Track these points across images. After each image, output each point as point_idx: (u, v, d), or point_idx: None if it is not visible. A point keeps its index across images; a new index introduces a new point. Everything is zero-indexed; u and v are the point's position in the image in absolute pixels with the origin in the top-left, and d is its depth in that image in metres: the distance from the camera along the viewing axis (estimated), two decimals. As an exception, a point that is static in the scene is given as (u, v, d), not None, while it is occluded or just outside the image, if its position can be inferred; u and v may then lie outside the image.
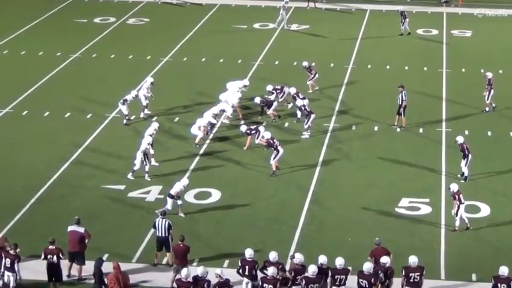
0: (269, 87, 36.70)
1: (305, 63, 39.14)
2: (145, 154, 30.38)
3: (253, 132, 32.47)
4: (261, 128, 32.50)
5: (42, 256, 23.58)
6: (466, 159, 30.28)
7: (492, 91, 36.70)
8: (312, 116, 34.06)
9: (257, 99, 35.73)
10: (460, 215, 26.93)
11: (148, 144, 30.59)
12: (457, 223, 27.04)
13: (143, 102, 35.84)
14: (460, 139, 30.57)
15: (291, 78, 39.82)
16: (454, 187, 27.07)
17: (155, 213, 26.91)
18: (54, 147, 33.25)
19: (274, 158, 30.86)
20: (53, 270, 23.57)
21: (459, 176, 30.51)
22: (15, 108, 37.13)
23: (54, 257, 23.44)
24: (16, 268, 23.26)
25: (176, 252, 24.14)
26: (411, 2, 54.73)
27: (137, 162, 30.34)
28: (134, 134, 34.44)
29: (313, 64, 39.72)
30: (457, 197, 26.85)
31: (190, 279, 22.14)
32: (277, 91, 36.58)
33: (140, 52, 44.63)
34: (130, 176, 30.47)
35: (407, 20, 47.63)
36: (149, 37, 47.69)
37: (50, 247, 23.57)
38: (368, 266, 22.38)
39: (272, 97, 36.25)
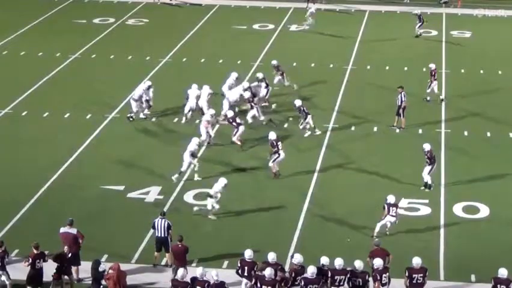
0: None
1: (274, 62, 38.99)
2: (193, 155, 30.43)
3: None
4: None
5: (30, 260, 23.25)
6: (431, 167, 29.82)
7: (435, 82, 37.45)
8: (309, 116, 33.99)
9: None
10: (384, 223, 26.60)
11: (196, 145, 30.63)
12: (377, 229, 26.65)
13: (143, 103, 35.85)
14: (427, 146, 30.23)
15: (290, 79, 39.81)
16: (391, 199, 26.66)
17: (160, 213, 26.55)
18: (54, 147, 33.27)
19: (273, 161, 30.73)
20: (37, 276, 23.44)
21: (422, 187, 29.91)
22: (15, 109, 37.15)
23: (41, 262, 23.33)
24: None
25: (175, 253, 24.14)
26: (411, 3, 54.77)
27: (185, 164, 30.38)
28: (133, 134, 34.49)
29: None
30: (387, 207, 26.46)
31: (187, 280, 22.18)
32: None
33: (139, 53, 44.64)
34: (174, 177, 30.29)
35: (423, 24, 47.57)
36: (148, 38, 47.70)
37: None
38: (359, 264, 22.53)
39: (262, 88, 36.18)
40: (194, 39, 47.52)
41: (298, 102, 34.49)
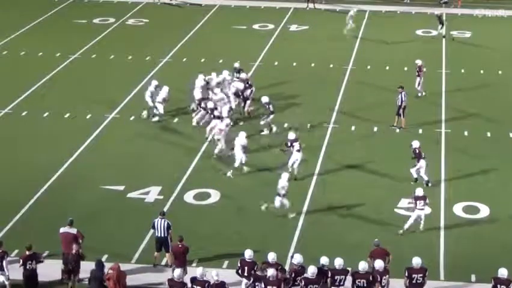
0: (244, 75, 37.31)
1: (236, 64, 38.61)
2: (244, 149, 30.68)
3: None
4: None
5: (21, 262, 23.25)
6: (418, 165, 29.90)
7: (422, 78, 37.87)
8: (271, 116, 33.93)
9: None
10: (415, 217, 26.81)
11: (246, 138, 30.91)
12: (406, 226, 26.89)
13: (149, 104, 35.78)
14: (415, 144, 30.28)
15: (290, 79, 39.83)
16: (419, 192, 26.91)
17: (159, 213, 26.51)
18: (54, 147, 33.27)
19: (291, 161, 30.53)
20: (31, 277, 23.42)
21: (424, 184, 29.99)
22: (15, 109, 37.15)
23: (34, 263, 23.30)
24: (4, 265, 23.25)
25: (175, 253, 24.14)
26: (411, 3, 54.78)
27: (237, 158, 30.68)
28: (133, 134, 34.46)
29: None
30: (414, 201, 26.78)
31: (184, 280, 22.17)
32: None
33: (139, 53, 44.63)
34: (229, 174, 30.68)
35: (445, 25, 47.58)
36: (148, 38, 47.70)
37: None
38: (363, 266, 22.49)
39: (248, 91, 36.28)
40: (194, 39, 47.52)
41: (265, 99, 34.33)
